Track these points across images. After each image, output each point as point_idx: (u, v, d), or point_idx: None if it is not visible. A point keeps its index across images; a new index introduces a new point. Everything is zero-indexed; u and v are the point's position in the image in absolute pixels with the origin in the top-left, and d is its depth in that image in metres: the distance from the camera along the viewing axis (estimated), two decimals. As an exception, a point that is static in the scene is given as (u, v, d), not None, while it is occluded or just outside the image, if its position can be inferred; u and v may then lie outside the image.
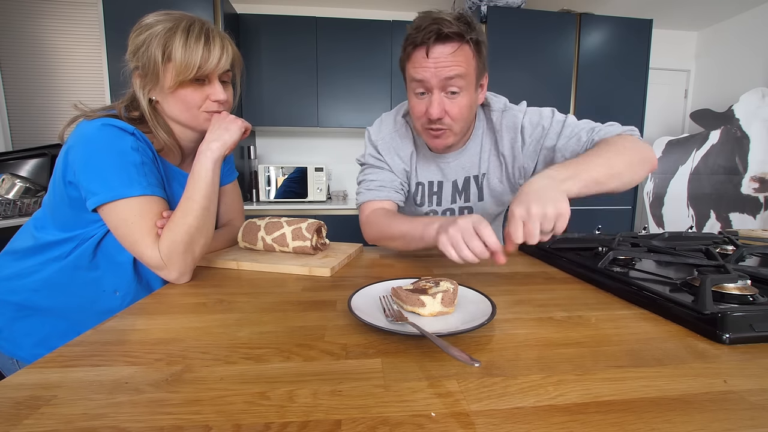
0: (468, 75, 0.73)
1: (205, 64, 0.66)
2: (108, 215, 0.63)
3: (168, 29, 0.65)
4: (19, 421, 0.28)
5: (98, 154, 0.62)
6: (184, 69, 0.65)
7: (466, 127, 0.83)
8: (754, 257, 0.77)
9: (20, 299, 0.70)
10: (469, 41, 0.71)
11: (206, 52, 0.66)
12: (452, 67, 0.71)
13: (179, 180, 0.77)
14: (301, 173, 2.55)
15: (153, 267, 0.64)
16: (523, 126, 0.84)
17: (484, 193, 0.93)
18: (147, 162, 0.66)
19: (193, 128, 0.74)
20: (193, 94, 0.69)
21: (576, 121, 0.82)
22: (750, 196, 2.33)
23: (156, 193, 0.65)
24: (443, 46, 0.71)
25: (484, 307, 0.48)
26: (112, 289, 0.72)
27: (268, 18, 2.52)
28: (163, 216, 0.65)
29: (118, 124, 0.64)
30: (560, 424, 0.28)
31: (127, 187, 0.62)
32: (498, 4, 2.45)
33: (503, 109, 0.87)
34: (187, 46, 0.64)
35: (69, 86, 2.40)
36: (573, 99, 2.57)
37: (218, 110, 0.72)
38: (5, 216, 1.69)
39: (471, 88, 0.75)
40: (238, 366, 0.37)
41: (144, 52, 0.65)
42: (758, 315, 0.43)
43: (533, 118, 0.84)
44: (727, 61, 2.95)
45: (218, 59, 0.67)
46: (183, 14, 0.68)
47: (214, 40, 0.67)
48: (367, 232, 0.88)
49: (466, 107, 0.77)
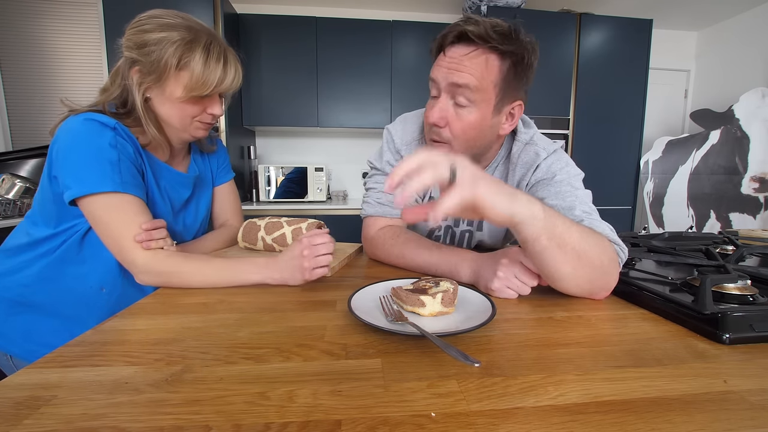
0: (483, 90, 0.64)
1: (219, 85, 0.69)
2: (84, 210, 0.64)
3: (188, 41, 0.65)
4: (19, 421, 0.28)
5: (75, 148, 0.62)
6: (200, 86, 0.67)
7: (470, 150, 0.72)
8: (754, 257, 0.77)
9: (13, 295, 0.71)
10: (496, 50, 0.62)
11: (222, 74, 0.69)
12: (463, 73, 0.63)
13: (166, 176, 0.77)
14: (300, 173, 2.55)
15: (124, 265, 0.65)
16: (539, 166, 0.73)
17: (483, 224, 0.86)
18: (124, 159, 0.65)
19: (182, 133, 0.75)
20: (193, 107, 0.71)
21: (584, 195, 0.68)
22: (750, 196, 2.33)
23: (129, 191, 0.64)
24: (460, 46, 0.64)
25: (484, 307, 0.48)
26: (98, 286, 0.72)
27: (268, 18, 2.52)
28: (142, 228, 0.63)
29: (100, 118, 0.64)
30: (560, 424, 0.28)
31: (98, 182, 0.61)
32: (498, 4, 2.45)
33: (527, 142, 0.76)
34: (207, 65, 0.66)
35: (69, 86, 2.40)
36: (573, 99, 2.57)
37: (212, 122, 0.76)
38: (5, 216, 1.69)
39: (485, 105, 0.66)
40: (238, 366, 0.37)
41: (155, 52, 0.65)
42: (758, 315, 0.43)
43: (554, 166, 0.72)
44: (727, 61, 2.95)
45: (231, 81, 0.71)
46: (200, 25, 0.69)
47: (229, 63, 0.70)
48: (372, 251, 0.81)
49: (471, 126, 0.67)
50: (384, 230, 0.80)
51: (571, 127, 2.59)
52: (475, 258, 0.64)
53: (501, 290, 0.57)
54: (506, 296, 0.57)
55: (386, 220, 0.82)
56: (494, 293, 0.58)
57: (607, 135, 2.62)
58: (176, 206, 0.80)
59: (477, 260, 0.63)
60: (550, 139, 0.80)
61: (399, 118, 0.86)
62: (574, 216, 0.62)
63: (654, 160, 2.77)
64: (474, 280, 0.62)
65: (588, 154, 2.60)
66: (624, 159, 2.67)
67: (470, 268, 0.63)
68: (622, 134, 2.63)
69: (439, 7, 2.84)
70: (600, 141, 2.62)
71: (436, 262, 0.68)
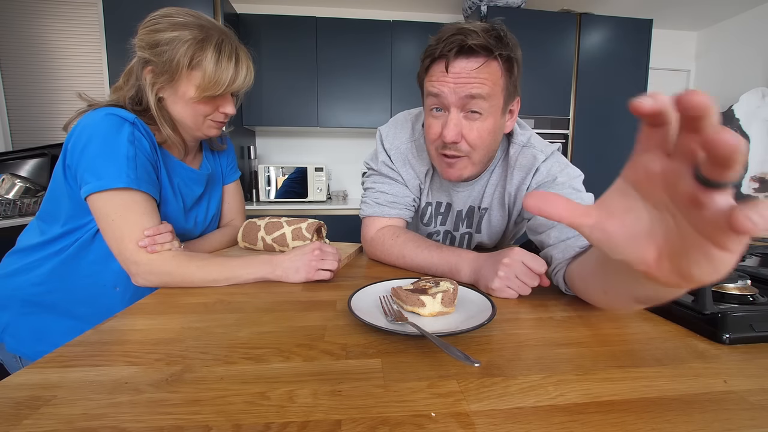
0: (494, 96, 0.64)
1: (231, 85, 0.69)
2: (93, 206, 0.63)
3: (200, 40, 0.65)
4: (19, 421, 0.28)
5: (94, 143, 0.62)
6: (212, 85, 0.67)
7: (486, 157, 0.72)
8: (754, 257, 0.77)
9: (25, 295, 0.70)
10: (498, 57, 0.62)
11: (234, 73, 0.68)
12: (475, 85, 0.62)
13: (180, 173, 0.77)
14: (301, 173, 2.55)
15: (124, 266, 0.63)
16: (538, 169, 0.73)
17: (482, 227, 0.85)
18: (140, 155, 0.65)
19: (195, 132, 0.75)
20: (206, 106, 0.71)
21: (589, 199, 0.68)
22: (750, 196, 2.33)
23: (142, 188, 0.64)
24: (466, 60, 0.62)
25: (484, 307, 0.48)
26: (112, 285, 0.72)
27: (268, 18, 2.52)
28: (145, 234, 0.62)
29: (120, 113, 0.64)
30: (560, 424, 0.28)
31: (113, 178, 0.61)
32: (498, 4, 2.45)
33: (524, 144, 0.76)
34: (218, 64, 0.66)
35: (69, 86, 2.40)
36: (573, 99, 2.57)
37: (224, 120, 0.75)
38: (5, 216, 1.69)
39: (496, 111, 0.66)
40: (238, 366, 0.37)
41: (167, 52, 0.65)
42: (758, 315, 0.43)
43: (554, 169, 0.72)
44: (727, 61, 2.95)
45: (243, 80, 0.70)
46: (212, 23, 0.69)
47: (241, 62, 0.70)
48: (372, 252, 0.81)
49: (488, 133, 0.67)
50: (384, 230, 0.80)
51: (571, 127, 2.59)
52: (475, 258, 0.64)
53: (501, 290, 0.57)
54: (506, 296, 0.57)
55: (385, 220, 0.82)
56: (494, 293, 0.58)
57: (607, 135, 2.62)
58: (188, 203, 0.80)
59: (477, 260, 0.63)
60: (547, 140, 0.80)
61: (391, 121, 0.87)
62: None
63: (654, 160, 2.77)
64: (474, 280, 0.62)
65: (588, 154, 2.60)
66: (624, 159, 2.53)
67: (470, 267, 0.63)
68: (622, 134, 2.63)
69: (439, 7, 2.84)
70: (600, 141, 2.62)
71: (436, 261, 0.68)
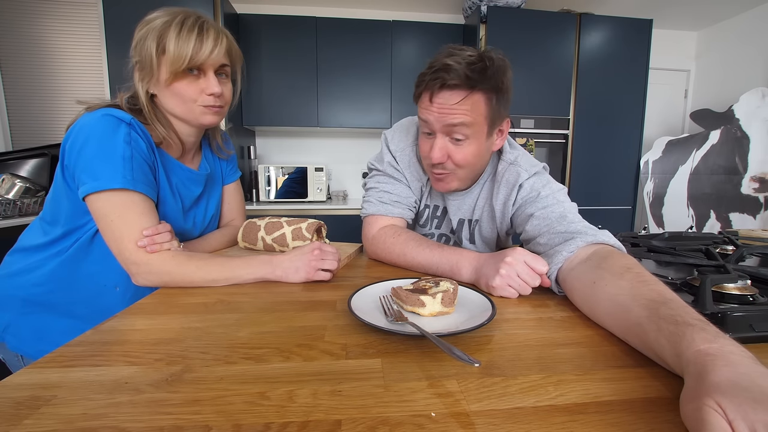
0: (477, 124, 0.68)
1: (196, 55, 0.66)
2: (91, 206, 0.63)
3: (164, 23, 0.66)
4: (19, 421, 0.28)
5: (90, 143, 0.62)
6: (176, 60, 0.65)
7: (473, 173, 0.78)
8: (754, 257, 0.77)
9: (26, 294, 0.71)
10: (481, 89, 0.65)
11: (198, 43, 0.66)
12: (456, 116, 0.66)
13: (178, 173, 0.77)
14: (301, 173, 2.55)
15: (124, 266, 0.64)
16: (521, 186, 0.76)
17: (476, 238, 0.88)
18: (137, 156, 0.65)
19: (190, 122, 0.74)
20: (188, 88, 0.69)
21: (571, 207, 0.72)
22: (750, 196, 2.33)
23: (138, 188, 0.64)
24: (449, 93, 0.66)
25: (484, 307, 0.48)
26: (112, 285, 0.72)
27: (268, 18, 2.52)
28: (144, 234, 0.62)
29: (117, 114, 0.65)
30: (560, 424, 0.28)
31: (110, 179, 0.61)
32: (498, 4, 2.45)
33: (511, 162, 0.79)
34: (179, 37, 0.65)
35: (69, 86, 2.40)
36: (573, 99, 2.57)
37: (215, 104, 0.72)
38: (5, 216, 1.69)
39: (480, 135, 0.70)
40: (237, 366, 0.37)
41: (141, 46, 0.67)
42: (758, 315, 0.43)
43: (536, 185, 0.75)
44: (727, 61, 2.95)
45: (210, 50, 0.67)
46: (184, 9, 0.68)
47: (207, 32, 0.67)
48: (373, 251, 0.82)
49: (472, 155, 0.72)
50: (385, 229, 0.80)
51: (571, 127, 2.59)
52: (476, 256, 0.64)
53: (502, 288, 0.57)
54: (507, 294, 0.57)
55: (387, 219, 0.82)
56: (495, 291, 0.57)
57: (607, 135, 2.62)
58: (186, 204, 0.80)
59: (478, 258, 0.63)
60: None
61: (396, 125, 0.89)
62: (569, 221, 0.66)
63: (654, 160, 2.77)
64: (475, 279, 0.62)
65: (588, 154, 2.60)
66: (624, 159, 2.66)
67: (471, 266, 0.63)
68: (622, 134, 2.63)
69: (439, 7, 2.84)
70: (600, 141, 2.62)
71: (437, 260, 0.68)
